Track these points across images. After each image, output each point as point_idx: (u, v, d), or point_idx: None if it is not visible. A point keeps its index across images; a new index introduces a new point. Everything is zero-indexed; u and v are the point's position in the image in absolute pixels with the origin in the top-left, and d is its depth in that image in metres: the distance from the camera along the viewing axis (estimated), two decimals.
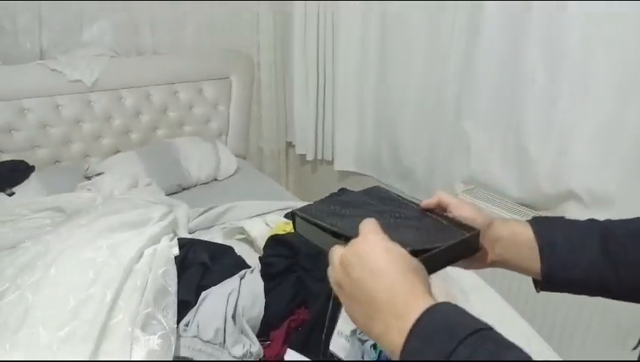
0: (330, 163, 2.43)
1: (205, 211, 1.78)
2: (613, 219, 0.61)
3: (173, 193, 2.06)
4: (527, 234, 0.60)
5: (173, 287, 1.06)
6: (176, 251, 1.20)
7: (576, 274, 0.57)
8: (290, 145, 2.78)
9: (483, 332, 0.39)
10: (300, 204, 1.69)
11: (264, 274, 1.13)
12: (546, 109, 1.55)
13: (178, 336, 1.00)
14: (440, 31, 1.81)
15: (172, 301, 1.03)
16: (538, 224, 0.61)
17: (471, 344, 0.38)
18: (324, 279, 1.10)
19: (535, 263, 0.59)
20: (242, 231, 1.43)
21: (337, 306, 1.11)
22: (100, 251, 1.11)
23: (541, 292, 0.61)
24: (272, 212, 1.57)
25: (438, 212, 0.65)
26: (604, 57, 1.39)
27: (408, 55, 1.94)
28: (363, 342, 1.08)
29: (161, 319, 0.97)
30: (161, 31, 2.25)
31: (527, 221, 0.62)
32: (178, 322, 1.02)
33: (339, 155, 2.33)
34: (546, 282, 0.59)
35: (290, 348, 1.10)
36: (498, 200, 1.71)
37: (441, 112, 1.89)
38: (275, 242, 1.19)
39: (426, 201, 0.65)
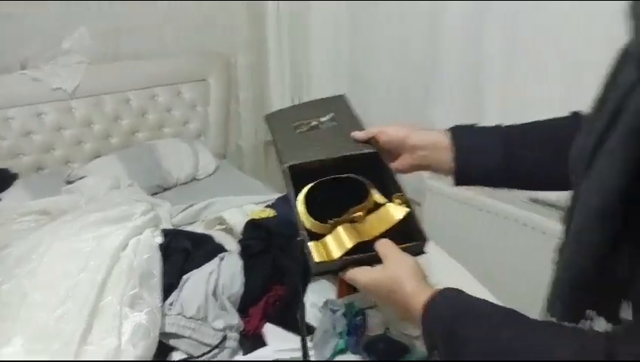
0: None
1: (187, 208, 1.86)
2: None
3: (155, 194, 2.13)
4: (446, 141, 0.77)
5: (157, 271, 1.14)
6: (159, 240, 1.28)
7: (482, 173, 0.76)
8: (269, 143, 2.87)
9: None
10: (277, 196, 1.79)
11: (242, 255, 1.22)
12: (504, 98, 1.67)
13: (163, 315, 1.08)
14: (406, 25, 1.92)
15: (157, 283, 1.11)
16: (455, 132, 0.77)
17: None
18: (298, 258, 1.21)
19: (451, 164, 0.76)
20: (222, 221, 1.52)
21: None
22: (86, 242, 1.19)
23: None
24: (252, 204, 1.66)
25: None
26: (554, 49, 1.51)
27: (378, 50, 2.05)
28: (334, 311, 1.18)
29: (147, 298, 1.05)
30: (138, 35, 2.32)
31: (446, 129, 0.78)
32: (163, 303, 1.11)
33: None
34: (459, 179, 0.78)
35: (268, 321, 1.19)
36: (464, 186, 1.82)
37: (410, 104, 2.01)
38: (252, 226, 1.28)
39: (358, 134, 0.87)
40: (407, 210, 0.81)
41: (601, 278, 0.54)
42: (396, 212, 0.82)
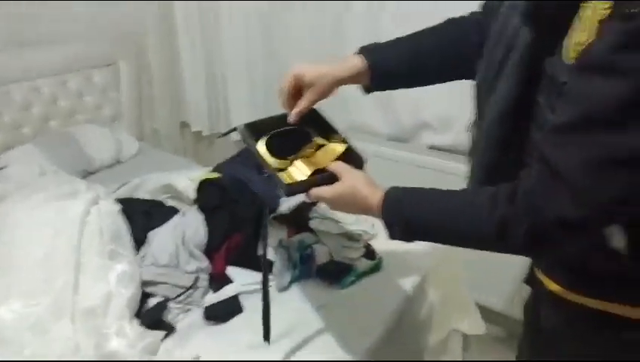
0: (243, 144, 2.66)
1: (120, 187, 1.92)
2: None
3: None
4: (365, 66, 0.94)
5: (125, 230, 1.25)
6: (118, 206, 1.37)
7: (391, 85, 0.99)
8: (184, 124, 2.94)
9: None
10: (207, 168, 1.91)
11: (202, 210, 1.37)
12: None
13: (139, 266, 1.20)
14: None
15: (128, 240, 1.23)
16: (368, 56, 0.95)
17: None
18: (251, 208, 1.40)
19: (366, 79, 0.95)
20: (167, 189, 1.63)
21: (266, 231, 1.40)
22: (48, 213, 1.26)
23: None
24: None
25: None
26: None
27: (291, 24, 2.23)
28: (287, 248, 1.38)
29: (122, 252, 1.17)
30: (44, 20, 2.26)
31: (359, 53, 0.95)
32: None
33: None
34: (373, 87, 0.97)
35: (230, 265, 1.36)
36: (373, 139, 2.11)
37: None
38: (206, 184, 1.43)
39: (287, 84, 0.98)
40: (347, 145, 1.03)
41: (505, 158, 0.80)
42: (338, 147, 1.04)
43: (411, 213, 0.78)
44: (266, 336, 1.05)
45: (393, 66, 0.94)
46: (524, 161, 0.79)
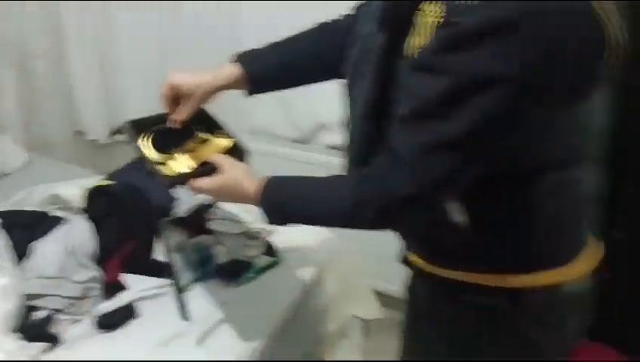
0: (127, 142, 2.56)
1: (4, 201, 1.79)
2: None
3: None
4: (242, 73, 0.98)
5: (2, 243, 1.18)
6: None
7: (270, 87, 1.04)
8: (79, 133, 2.79)
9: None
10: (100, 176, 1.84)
11: (91, 219, 1.33)
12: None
13: (23, 280, 1.14)
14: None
15: (7, 253, 1.16)
16: (243, 60, 0.99)
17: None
18: (145, 214, 1.39)
19: (244, 85, 1.00)
20: (53, 200, 1.54)
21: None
22: None
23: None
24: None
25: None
26: None
27: (187, 24, 2.20)
28: (186, 250, 1.39)
29: (1, 265, 1.10)
30: None
31: (235, 60, 0.99)
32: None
33: None
34: (253, 92, 1.02)
35: (124, 272, 1.33)
36: (275, 141, 2.16)
37: None
38: (97, 192, 1.39)
39: (165, 93, 1.02)
40: (233, 139, 1.07)
41: (369, 155, 0.87)
42: (222, 141, 1.07)
43: (285, 199, 0.84)
44: (184, 315, 1.14)
45: (269, 72, 1.01)
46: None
